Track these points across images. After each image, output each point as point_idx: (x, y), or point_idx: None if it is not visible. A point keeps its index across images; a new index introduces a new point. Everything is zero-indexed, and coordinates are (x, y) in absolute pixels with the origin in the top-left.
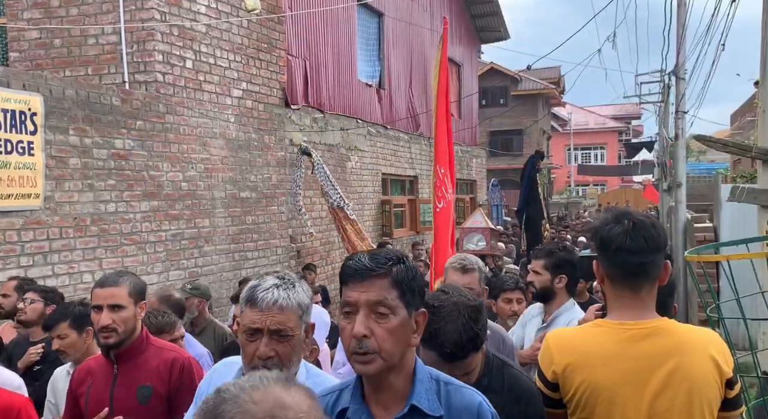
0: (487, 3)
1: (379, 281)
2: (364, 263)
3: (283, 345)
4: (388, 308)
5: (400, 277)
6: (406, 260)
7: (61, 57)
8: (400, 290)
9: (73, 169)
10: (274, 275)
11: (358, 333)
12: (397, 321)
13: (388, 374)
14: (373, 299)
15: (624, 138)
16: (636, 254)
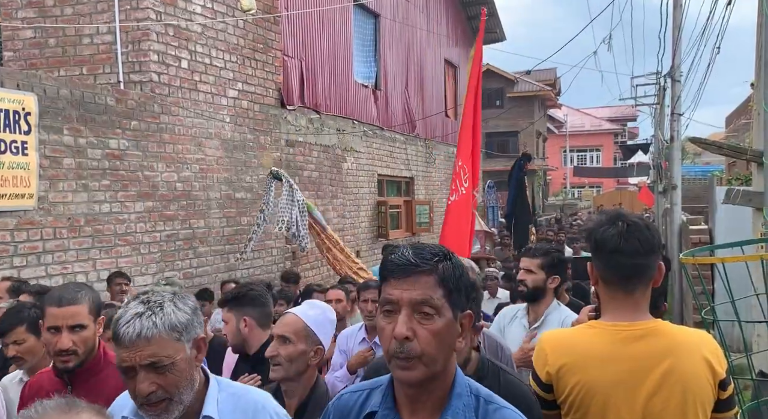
0: (483, 4)
1: (425, 279)
2: (408, 257)
3: (164, 375)
4: (433, 309)
5: (447, 274)
6: (452, 257)
7: (56, 56)
8: (446, 289)
9: (67, 169)
10: (138, 300)
11: (400, 334)
12: (442, 323)
13: (428, 383)
14: (418, 297)
15: (620, 140)
16: (630, 256)
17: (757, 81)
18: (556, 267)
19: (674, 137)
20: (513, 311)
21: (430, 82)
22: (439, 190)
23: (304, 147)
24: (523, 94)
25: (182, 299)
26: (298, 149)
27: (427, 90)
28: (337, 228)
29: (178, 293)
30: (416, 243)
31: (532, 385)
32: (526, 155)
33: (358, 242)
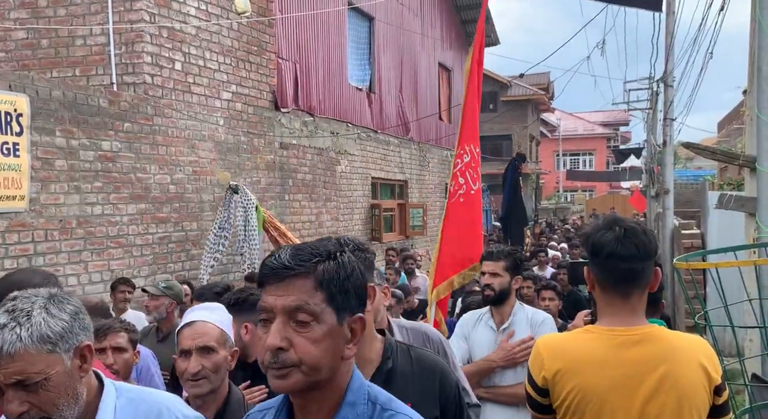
0: (477, 9)
1: (300, 282)
2: (283, 261)
3: (36, 394)
4: (310, 315)
5: (329, 276)
6: (339, 256)
7: (49, 58)
8: (327, 293)
9: (59, 171)
10: (2, 309)
11: (272, 345)
12: (322, 330)
13: (314, 391)
14: (292, 304)
15: (612, 144)
16: (627, 261)
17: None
18: (518, 268)
19: (667, 141)
20: (475, 316)
21: (424, 85)
22: (433, 193)
23: (298, 150)
24: (516, 98)
25: (58, 303)
26: (292, 152)
27: (421, 93)
28: (330, 231)
29: (54, 297)
30: (301, 244)
31: (527, 389)
32: (521, 156)
33: None
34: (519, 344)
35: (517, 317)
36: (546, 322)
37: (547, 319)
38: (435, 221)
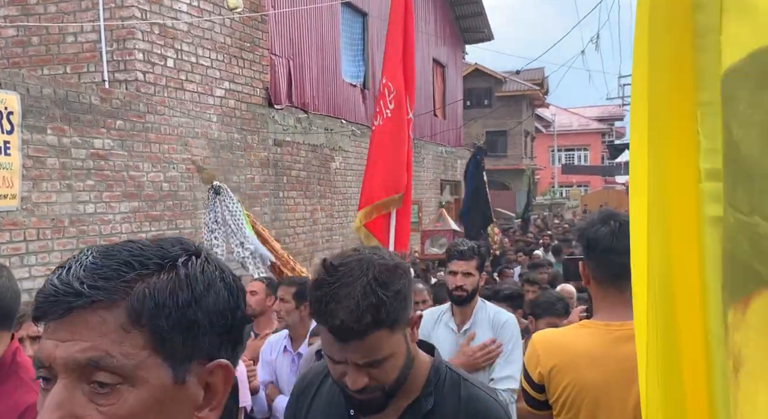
0: (471, 4)
1: (96, 319)
2: (70, 279)
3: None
4: (114, 374)
5: (157, 302)
6: (183, 265)
7: (39, 55)
8: (153, 332)
9: (50, 169)
10: None
11: None
12: (137, 399)
13: None
14: (80, 356)
15: (607, 140)
16: (623, 255)
17: None
18: (482, 266)
19: None
20: (435, 314)
21: (418, 81)
22: (428, 189)
23: (292, 146)
24: (511, 94)
25: None
26: (286, 149)
27: (416, 90)
28: (325, 227)
29: None
30: (113, 247)
31: (523, 385)
32: (482, 149)
33: (347, 241)
34: (481, 348)
35: (478, 317)
36: (508, 323)
37: (509, 320)
38: (430, 217)
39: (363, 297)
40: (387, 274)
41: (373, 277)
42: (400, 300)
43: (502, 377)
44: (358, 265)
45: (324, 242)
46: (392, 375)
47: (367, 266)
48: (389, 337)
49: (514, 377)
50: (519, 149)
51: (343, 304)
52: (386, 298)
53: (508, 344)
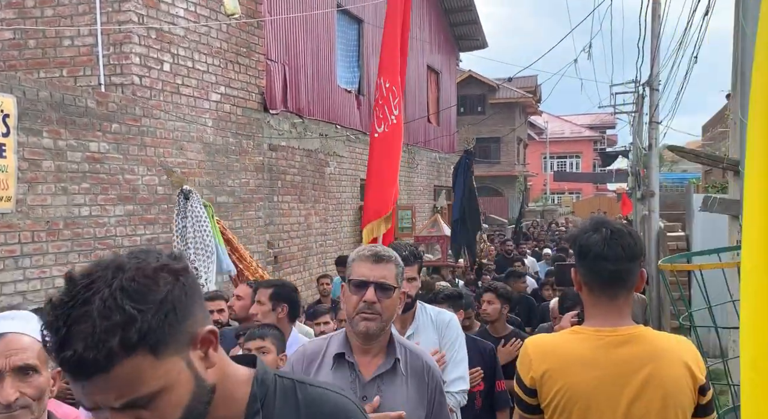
0: (465, 12)
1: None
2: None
3: None
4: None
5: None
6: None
7: (36, 58)
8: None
9: (46, 172)
10: None
11: None
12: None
13: None
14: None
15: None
16: (613, 262)
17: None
18: (421, 268)
19: (652, 144)
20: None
21: (412, 88)
22: (422, 195)
23: (287, 151)
24: (504, 101)
25: None
26: (281, 154)
27: (410, 96)
28: (319, 232)
29: None
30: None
31: (516, 390)
32: (471, 153)
33: (341, 246)
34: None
35: (420, 320)
36: (453, 322)
37: (452, 320)
38: (423, 222)
39: (102, 315)
40: (142, 281)
41: (118, 287)
42: (165, 313)
43: (453, 379)
44: (104, 274)
45: (318, 247)
46: (173, 415)
47: (113, 273)
48: (153, 365)
49: (464, 377)
50: (512, 155)
51: (77, 328)
52: (137, 312)
53: (454, 344)
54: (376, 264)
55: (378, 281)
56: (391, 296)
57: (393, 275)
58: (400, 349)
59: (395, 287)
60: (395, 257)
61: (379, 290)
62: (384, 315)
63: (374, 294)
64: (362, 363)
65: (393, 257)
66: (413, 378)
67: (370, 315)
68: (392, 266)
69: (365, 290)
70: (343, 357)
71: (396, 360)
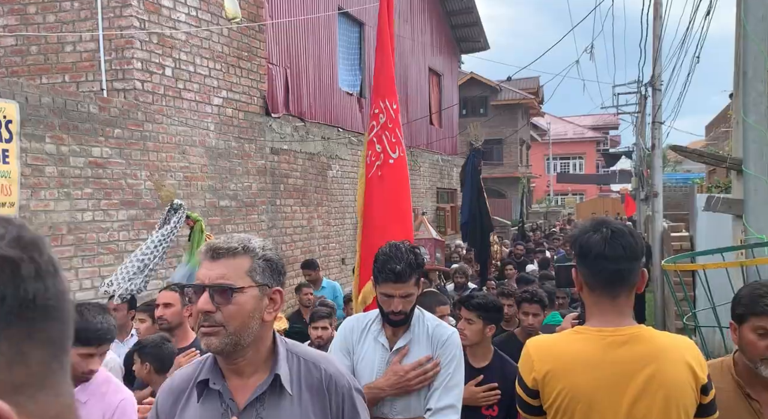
0: (467, 14)
1: None
2: None
3: None
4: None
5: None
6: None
7: (38, 64)
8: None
9: (49, 177)
10: None
11: None
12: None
13: None
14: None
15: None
16: (614, 262)
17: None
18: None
19: (655, 144)
20: (360, 323)
21: (414, 90)
22: (424, 197)
23: (289, 155)
24: (506, 103)
25: None
26: (283, 157)
27: (412, 98)
28: (322, 235)
29: None
30: None
31: (518, 391)
32: (478, 150)
33: (343, 249)
34: (414, 367)
35: (415, 332)
36: (451, 341)
37: (452, 336)
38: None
39: None
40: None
41: None
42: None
43: (442, 407)
44: None
45: (321, 250)
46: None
47: None
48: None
49: (455, 406)
50: (514, 157)
51: None
52: None
53: (449, 365)
54: (215, 261)
55: (213, 283)
56: (236, 300)
57: (240, 271)
58: (288, 360)
59: (241, 288)
60: (244, 247)
61: (217, 295)
62: (229, 326)
63: (208, 301)
64: (235, 387)
65: (239, 248)
66: (307, 395)
67: (208, 329)
68: (240, 261)
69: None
70: (208, 384)
71: (275, 376)
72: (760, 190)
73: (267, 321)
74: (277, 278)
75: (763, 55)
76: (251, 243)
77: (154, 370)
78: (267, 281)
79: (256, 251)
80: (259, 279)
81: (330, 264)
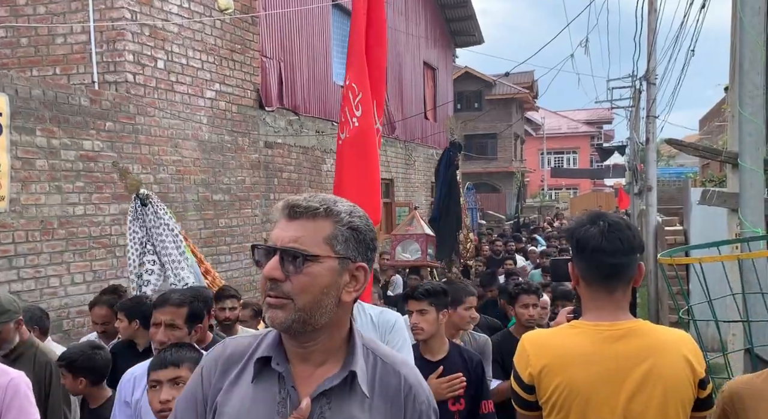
0: (461, 7)
1: None
2: None
3: None
4: None
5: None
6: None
7: (28, 56)
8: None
9: (40, 171)
10: None
11: None
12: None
13: None
14: None
15: (596, 142)
16: (612, 255)
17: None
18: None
19: (650, 139)
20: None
21: (409, 84)
22: (419, 191)
23: (283, 149)
24: (501, 97)
25: None
26: (277, 151)
27: (406, 92)
28: None
29: None
30: None
31: (513, 387)
32: (456, 144)
33: None
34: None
35: (358, 323)
36: (398, 326)
37: (398, 322)
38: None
39: None
40: None
41: None
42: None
43: None
44: None
45: None
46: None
47: None
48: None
49: None
50: (509, 151)
51: None
52: None
53: (402, 351)
54: (291, 221)
55: (285, 247)
56: (308, 270)
57: (318, 236)
58: (365, 356)
59: (316, 256)
60: (327, 209)
61: (287, 261)
62: (299, 300)
63: (278, 267)
64: (300, 374)
65: (321, 209)
66: (381, 403)
67: (274, 300)
68: (321, 224)
69: None
70: (269, 363)
71: (351, 373)
72: (756, 183)
73: (346, 302)
74: (364, 252)
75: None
76: (336, 206)
77: (90, 383)
78: (350, 254)
79: (341, 216)
80: (340, 250)
81: None
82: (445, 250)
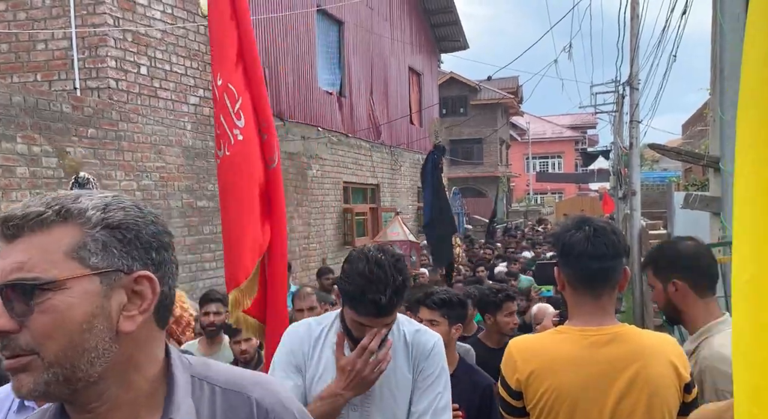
0: (446, 13)
1: None
2: None
3: None
4: None
5: None
6: None
7: (8, 62)
8: None
9: (20, 178)
10: None
11: None
12: None
13: None
14: None
15: (580, 147)
16: (597, 260)
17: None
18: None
19: (633, 143)
20: (312, 331)
21: (394, 89)
22: (405, 196)
23: None
24: (486, 102)
25: None
26: None
27: (392, 97)
28: (302, 236)
29: None
30: None
31: (501, 392)
32: (440, 147)
33: (324, 249)
34: (359, 354)
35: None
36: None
37: (436, 346)
38: (409, 224)
39: None
40: None
41: None
42: None
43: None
44: None
45: (301, 250)
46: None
47: None
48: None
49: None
50: (494, 156)
51: None
52: None
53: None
54: (10, 243)
55: (5, 282)
56: (49, 305)
57: (54, 252)
58: (195, 391)
59: (53, 282)
60: (62, 211)
61: (14, 301)
62: (46, 352)
63: (3, 313)
64: None
65: (50, 213)
66: None
67: (12, 362)
68: (55, 235)
69: None
70: None
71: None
72: None
73: (126, 331)
74: (142, 255)
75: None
76: (79, 202)
77: None
78: (117, 263)
79: (89, 214)
80: (96, 262)
81: (311, 265)
82: (443, 256)
